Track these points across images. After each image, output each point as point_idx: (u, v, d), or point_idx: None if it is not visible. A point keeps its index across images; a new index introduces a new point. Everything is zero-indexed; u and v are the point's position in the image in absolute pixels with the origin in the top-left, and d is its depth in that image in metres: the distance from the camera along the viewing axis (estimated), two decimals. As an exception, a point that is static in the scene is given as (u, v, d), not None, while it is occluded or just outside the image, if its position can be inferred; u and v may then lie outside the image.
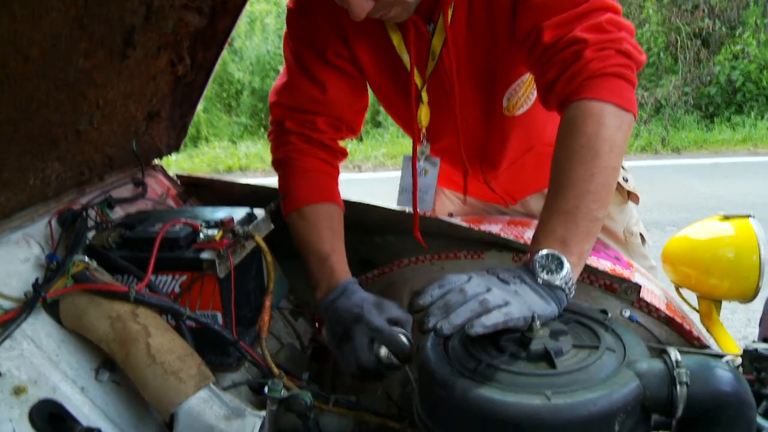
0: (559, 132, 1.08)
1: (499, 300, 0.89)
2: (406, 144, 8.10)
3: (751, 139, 8.03)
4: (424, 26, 1.24)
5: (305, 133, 1.35)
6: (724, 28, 9.10)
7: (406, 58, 1.29)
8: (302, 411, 1.01)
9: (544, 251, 0.97)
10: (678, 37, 9.02)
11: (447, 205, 1.86)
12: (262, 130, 10.03)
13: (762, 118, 8.49)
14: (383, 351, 1.11)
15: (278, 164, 1.39)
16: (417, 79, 1.31)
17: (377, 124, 9.75)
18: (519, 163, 1.53)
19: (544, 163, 1.51)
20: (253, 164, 8.82)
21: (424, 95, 1.34)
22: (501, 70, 1.30)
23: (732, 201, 5.57)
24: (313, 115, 1.35)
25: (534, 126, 1.43)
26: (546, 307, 0.92)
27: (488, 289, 0.91)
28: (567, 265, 0.96)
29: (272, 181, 1.42)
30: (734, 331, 3.15)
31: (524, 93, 1.35)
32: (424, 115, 1.37)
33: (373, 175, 7.77)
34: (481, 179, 1.56)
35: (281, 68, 1.36)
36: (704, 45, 9.09)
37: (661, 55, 9.25)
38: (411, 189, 1.42)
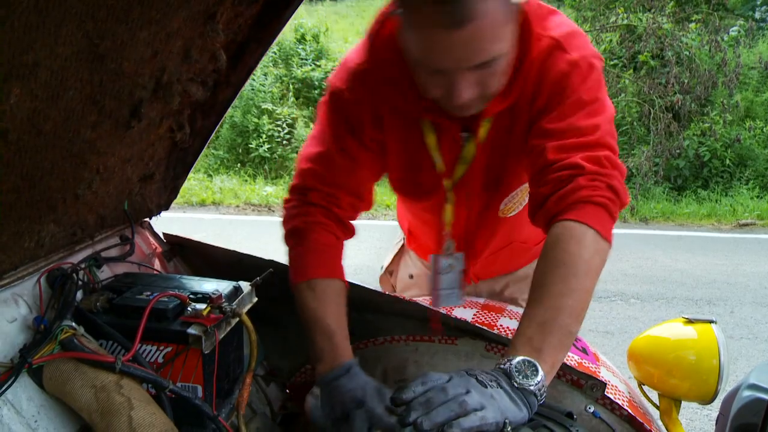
0: (545, 247, 1.16)
1: (477, 403, 0.94)
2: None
3: (715, 214, 8.28)
4: (459, 134, 1.35)
5: (328, 207, 1.40)
6: (694, 105, 9.44)
7: (438, 158, 1.39)
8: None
9: (521, 357, 1.02)
10: (651, 109, 9.32)
11: (409, 267, 1.96)
12: (239, 165, 10.06)
13: (725, 195, 8.77)
14: None
15: (293, 232, 1.41)
16: (446, 181, 1.43)
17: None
18: (495, 255, 1.64)
19: (516, 256, 1.64)
20: (227, 199, 8.81)
21: (451, 195, 1.45)
22: (507, 179, 1.43)
23: (694, 275, 5.72)
24: (340, 189, 1.40)
25: (517, 226, 1.54)
26: (518, 413, 0.97)
27: (467, 391, 0.96)
28: (541, 373, 1.01)
29: (244, 219, 1.46)
30: (691, 411, 3.23)
31: (520, 199, 1.47)
32: (449, 213, 1.47)
33: (365, 222, 7.71)
34: None
35: (263, 105, 1.41)
36: (675, 119, 9.40)
37: (635, 124, 9.53)
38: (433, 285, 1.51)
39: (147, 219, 1.65)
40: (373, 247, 5.90)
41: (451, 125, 1.33)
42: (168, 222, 1.71)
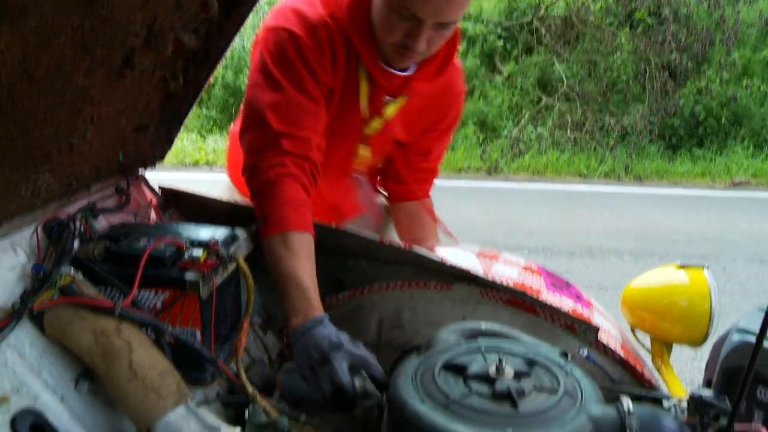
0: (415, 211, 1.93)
1: None
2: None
3: (709, 173, 8.29)
4: (383, 98, 1.59)
5: (302, 154, 1.40)
6: (690, 63, 9.37)
7: (365, 108, 1.59)
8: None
9: None
10: (647, 67, 9.25)
11: None
12: (231, 125, 10.00)
13: (720, 153, 8.77)
14: (358, 381, 1.16)
15: (265, 184, 1.38)
16: (366, 128, 1.66)
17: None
18: None
19: None
20: (220, 160, 8.77)
21: (365, 139, 1.69)
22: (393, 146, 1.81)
23: (687, 233, 5.76)
24: (311, 131, 1.43)
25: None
26: None
27: None
28: None
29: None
30: (681, 363, 3.29)
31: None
32: (363, 152, 1.74)
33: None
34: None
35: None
36: (671, 77, 9.35)
37: (630, 83, 9.48)
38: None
39: (142, 170, 1.65)
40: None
41: (383, 86, 1.54)
42: (162, 182, 1.71)
